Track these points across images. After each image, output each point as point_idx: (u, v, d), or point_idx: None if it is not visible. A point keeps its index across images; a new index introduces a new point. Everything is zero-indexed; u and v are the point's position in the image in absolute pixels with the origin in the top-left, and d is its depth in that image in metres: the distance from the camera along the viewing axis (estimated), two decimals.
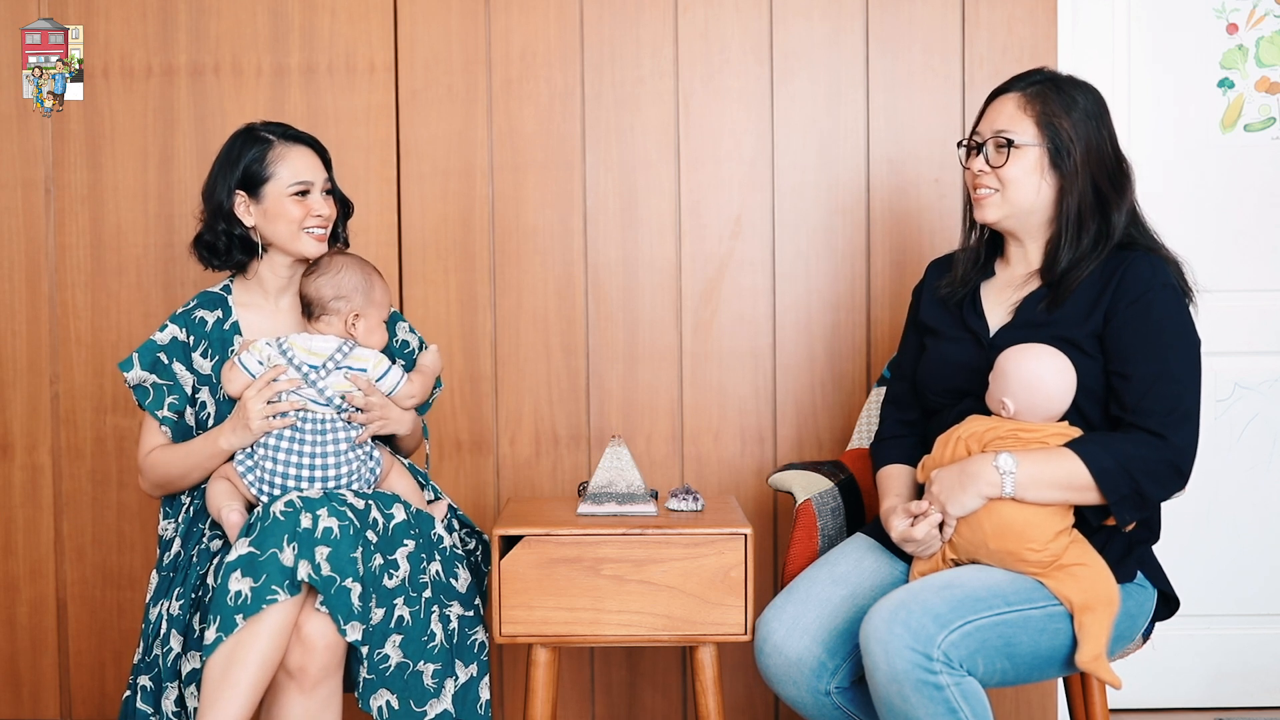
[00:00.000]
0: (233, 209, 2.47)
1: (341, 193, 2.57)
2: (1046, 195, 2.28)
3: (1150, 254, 2.26)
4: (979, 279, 2.40)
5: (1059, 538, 2.17)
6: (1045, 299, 2.28)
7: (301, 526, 2.21)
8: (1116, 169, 2.29)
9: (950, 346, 2.37)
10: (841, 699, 2.26)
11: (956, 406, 2.33)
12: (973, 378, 2.30)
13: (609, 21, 3.04)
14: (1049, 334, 2.24)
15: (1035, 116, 2.27)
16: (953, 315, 2.39)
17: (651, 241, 3.06)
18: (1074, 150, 2.25)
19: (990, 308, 2.36)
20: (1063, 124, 2.25)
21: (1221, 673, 3.20)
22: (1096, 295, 2.24)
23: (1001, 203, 2.30)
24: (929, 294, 2.46)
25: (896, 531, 2.26)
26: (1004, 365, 2.21)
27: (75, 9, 3.05)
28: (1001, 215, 2.31)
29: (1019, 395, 2.19)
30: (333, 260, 2.46)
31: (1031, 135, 2.27)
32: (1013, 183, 2.28)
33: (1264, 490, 3.18)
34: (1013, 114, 2.29)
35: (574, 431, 3.07)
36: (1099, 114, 2.29)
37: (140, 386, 2.46)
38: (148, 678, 2.34)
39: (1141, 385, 2.18)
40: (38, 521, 3.09)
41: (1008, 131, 2.28)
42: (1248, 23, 3.15)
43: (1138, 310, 2.21)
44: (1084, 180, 2.26)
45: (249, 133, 2.50)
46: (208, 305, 2.53)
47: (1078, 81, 2.32)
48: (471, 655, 2.38)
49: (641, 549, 2.38)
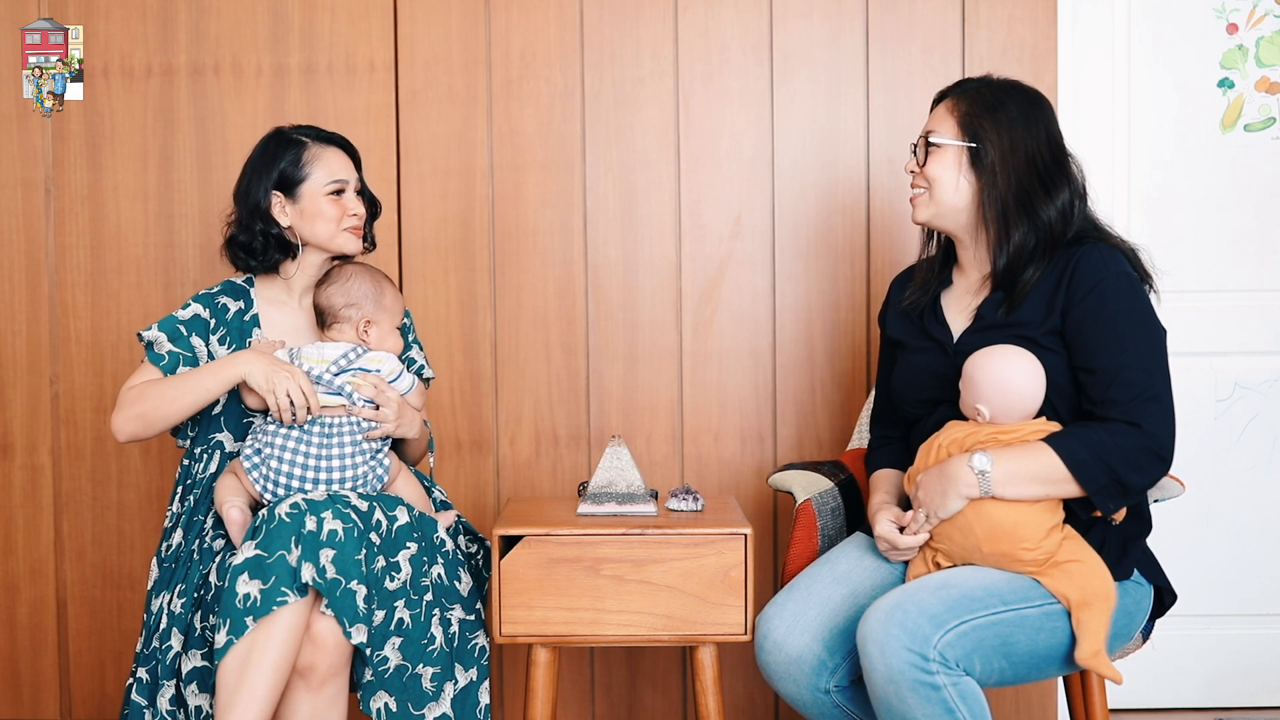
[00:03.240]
0: (269, 210, 2.49)
1: (371, 193, 2.60)
2: (966, 193, 2.31)
3: (1100, 244, 2.27)
4: (938, 288, 2.42)
5: (1051, 535, 2.17)
6: (1003, 302, 2.29)
7: (306, 529, 2.21)
8: (1051, 167, 2.29)
9: (917, 357, 2.40)
10: (841, 698, 2.26)
11: (932, 415, 2.35)
12: (942, 385, 2.32)
13: (609, 21, 3.04)
14: (1009, 335, 2.26)
15: (959, 117, 2.32)
16: (916, 326, 2.43)
17: (651, 241, 3.06)
18: (992, 149, 2.28)
19: (951, 315, 2.39)
20: (983, 123, 2.29)
21: (1221, 673, 3.20)
22: (1051, 291, 2.25)
23: (929, 202, 2.34)
24: (893, 309, 2.50)
25: (879, 529, 2.29)
26: (972, 372, 2.22)
27: (75, 9, 3.05)
28: (930, 215, 2.35)
29: (991, 400, 2.20)
30: (343, 269, 2.50)
31: (952, 134, 2.31)
32: (935, 181, 2.32)
33: (1264, 490, 3.18)
34: (941, 115, 2.35)
35: (574, 431, 3.07)
36: (1030, 114, 2.31)
37: (154, 346, 2.46)
38: (146, 670, 2.35)
39: (1106, 377, 2.19)
40: (38, 521, 3.09)
41: (932, 131, 2.34)
42: (1248, 23, 3.15)
43: (1093, 302, 2.21)
44: (1004, 179, 2.27)
45: (281, 135, 2.53)
46: (231, 294, 2.54)
47: (1016, 85, 2.35)
48: (472, 659, 2.38)
49: (641, 549, 2.38)
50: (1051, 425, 2.21)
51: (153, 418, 2.41)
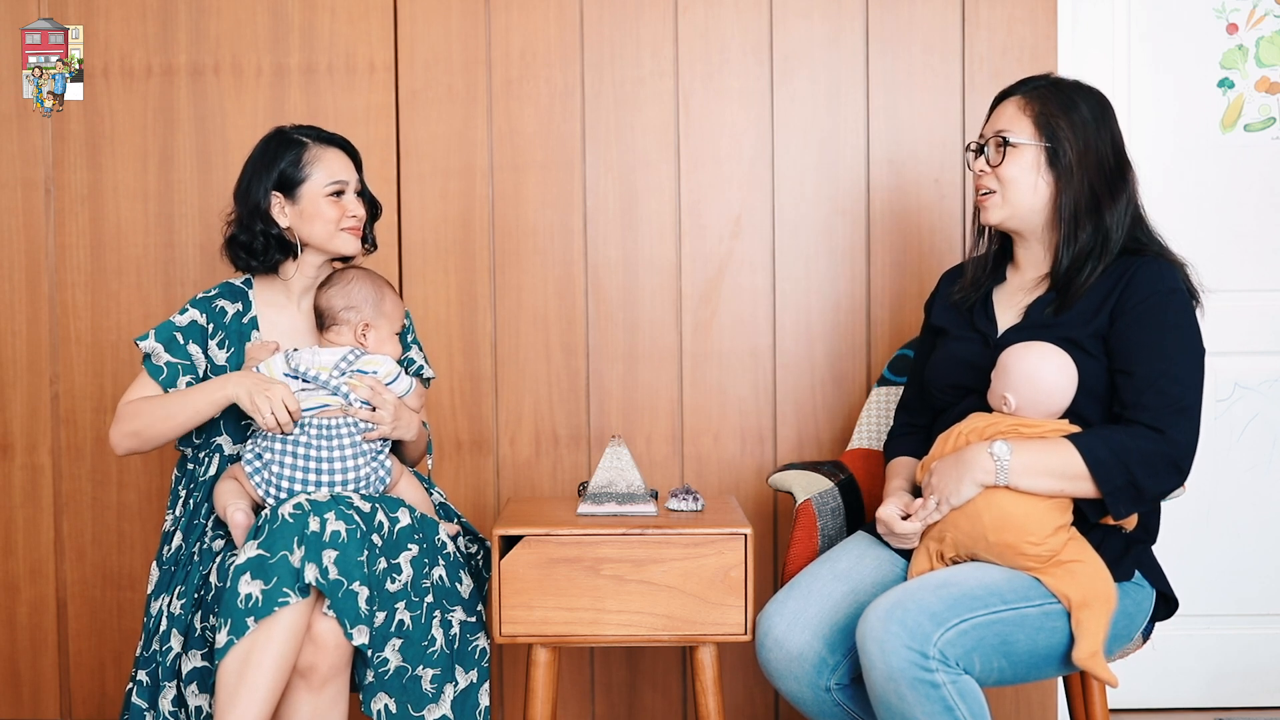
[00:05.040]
0: (269, 210, 2.49)
1: (371, 194, 2.59)
2: (1044, 194, 2.30)
3: (1159, 258, 2.28)
4: (991, 284, 2.42)
5: (1058, 533, 2.17)
6: (1054, 303, 2.29)
7: (309, 529, 2.21)
8: (1115, 172, 2.30)
9: (957, 345, 2.40)
10: (842, 695, 2.26)
11: (960, 404, 2.35)
12: (977, 375, 2.32)
13: (609, 21, 3.04)
14: (1054, 335, 2.26)
15: (1033, 116, 2.30)
16: (963, 317, 2.43)
17: (651, 241, 3.06)
18: (1070, 150, 2.27)
19: (1001, 311, 2.39)
20: (1060, 124, 2.28)
21: (1221, 673, 3.20)
22: (1103, 297, 2.26)
23: (1002, 203, 2.32)
24: (942, 300, 2.50)
25: (881, 511, 2.30)
26: (1006, 361, 2.23)
27: (75, 9, 3.05)
28: (1004, 216, 2.33)
29: (1020, 390, 2.21)
30: (345, 273, 2.50)
31: (1029, 134, 2.29)
32: (1011, 182, 2.30)
33: (1264, 490, 3.18)
34: (1013, 115, 2.32)
35: (574, 431, 3.07)
36: (1100, 117, 2.31)
37: (151, 358, 2.46)
38: (146, 673, 2.35)
39: (1143, 382, 2.19)
40: (38, 521, 3.09)
41: (1006, 131, 2.31)
42: (1248, 23, 3.15)
43: (1145, 311, 2.22)
44: (1079, 180, 2.27)
45: (281, 135, 2.52)
46: (229, 296, 2.54)
47: (1082, 85, 2.34)
48: (472, 661, 2.38)
49: (641, 549, 2.38)
50: (1073, 427, 2.21)
51: (147, 436, 2.42)
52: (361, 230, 2.54)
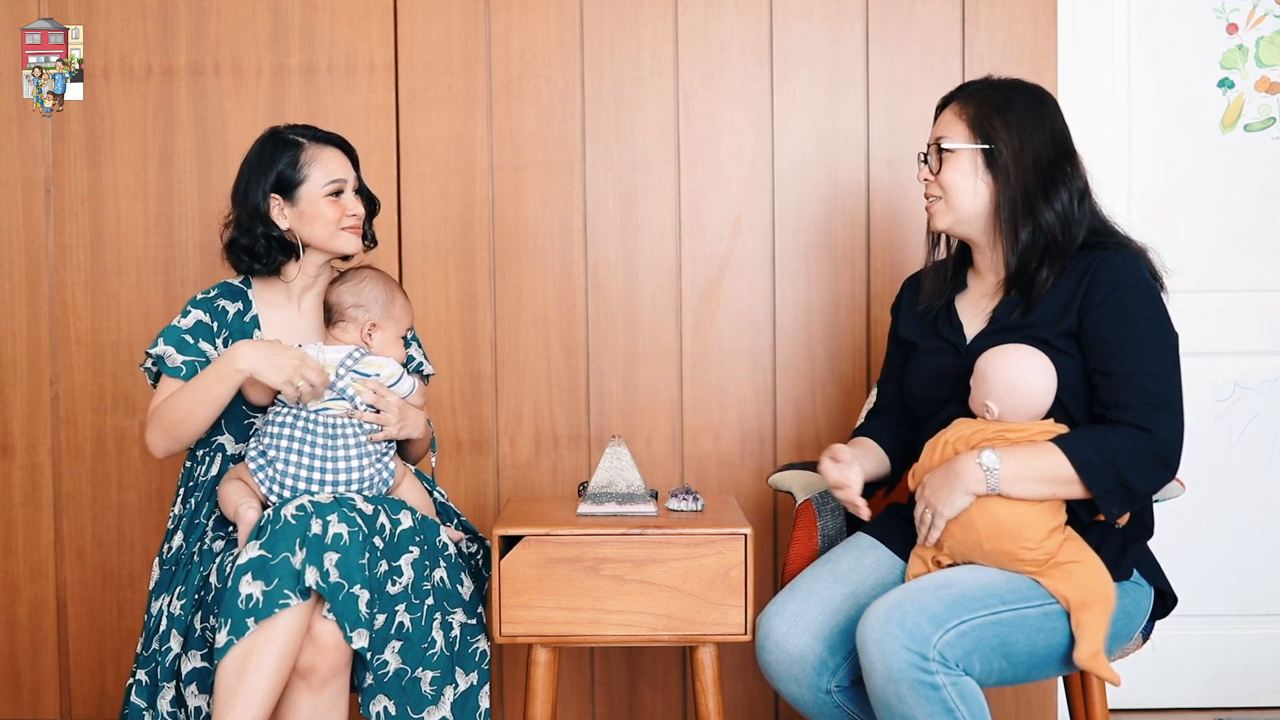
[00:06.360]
0: (268, 213, 2.48)
1: (369, 191, 2.59)
2: (984, 196, 2.30)
3: (1121, 249, 2.27)
4: (952, 292, 2.42)
5: (1053, 535, 2.17)
6: (1019, 305, 2.29)
7: (312, 531, 2.21)
8: (1053, 165, 2.28)
9: (929, 358, 2.39)
10: (842, 697, 2.26)
11: (940, 414, 2.35)
12: (953, 385, 2.32)
13: (609, 21, 3.04)
14: (1023, 336, 2.25)
15: (968, 120, 2.30)
16: (929, 327, 2.42)
17: (651, 241, 3.06)
18: (1005, 149, 2.27)
19: (966, 318, 2.38)
20: (994, 124, 2.28)
21: (1221, 673, 3.20)
22: (1070, 295, 2.25)
23: (946, 209, 2.33)
24: (906, 310, 2.49)
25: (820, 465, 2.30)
26: (983, 368, 2.22)
27: (75, 9, 3.05)
28: (950, 222, 2.34)
29: (1001, 397, 2.20)
30: (359, 272, 2.50)
31: (964, 138, 2.30)
32: (951, 187, 2.31)
33: (1264, 490, 3.18)
34: (949, 120, 2.33)
35: (574, 431, 3.07)
36: (1036, 112, 2.30)
37: (165, 361, 2.46)
38: (145, 673, 2.35)
39: (1121, 380, 2.19)
40: (38, 521, 3.09)
41: (943, 137, 2.32)
42: (1248, 23, 3.15)
43: (1113, 306, 2.21)
44: (1016, 179, 2.27)
45: (277, 136, 2.52)
46: (229, 296, 2.54)
47: (1019, 83, 2.34)
48: (472, 664, 2.38)
49: (641, 549, 2.38)
50: (1059, 427, 2.20)
51: (178, 434, 2.43)
52: (361, 228, 2.54)
